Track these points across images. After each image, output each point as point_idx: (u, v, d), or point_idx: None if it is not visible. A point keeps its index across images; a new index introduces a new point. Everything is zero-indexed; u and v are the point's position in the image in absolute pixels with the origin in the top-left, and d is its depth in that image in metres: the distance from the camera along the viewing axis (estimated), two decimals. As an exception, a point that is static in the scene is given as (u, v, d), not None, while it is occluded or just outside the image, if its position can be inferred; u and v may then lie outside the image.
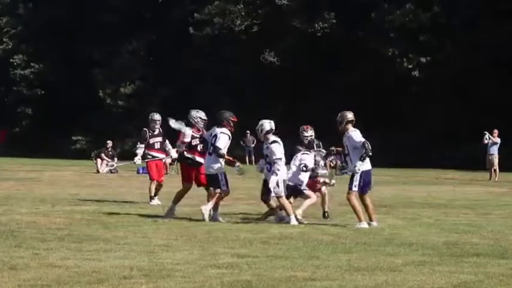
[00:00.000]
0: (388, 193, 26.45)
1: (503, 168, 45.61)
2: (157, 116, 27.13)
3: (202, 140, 21.55)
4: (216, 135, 20.87)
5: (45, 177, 38.60)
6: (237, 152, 45.49)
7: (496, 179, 43.68)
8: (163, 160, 27.87)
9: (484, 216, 22.61)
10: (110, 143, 50.47)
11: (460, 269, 13.04)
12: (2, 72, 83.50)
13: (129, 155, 54.37)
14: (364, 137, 19.71)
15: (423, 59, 60.50)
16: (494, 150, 44.92)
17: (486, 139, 45.47)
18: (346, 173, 20.60)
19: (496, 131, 44.94)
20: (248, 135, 59.57)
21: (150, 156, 26.39)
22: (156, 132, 26.71)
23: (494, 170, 44.70)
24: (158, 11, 73.47)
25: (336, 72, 63.27)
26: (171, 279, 11.94)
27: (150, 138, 26.56)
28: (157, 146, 26.64)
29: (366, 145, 19.66)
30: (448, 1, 60.60)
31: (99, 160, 48.06)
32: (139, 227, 18.80)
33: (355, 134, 20.05)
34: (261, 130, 20.92)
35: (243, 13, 70.28)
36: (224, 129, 20.95)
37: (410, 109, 60.17)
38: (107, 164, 47.81)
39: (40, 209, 22.72)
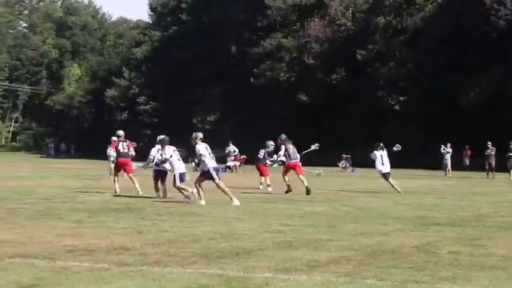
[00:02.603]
0: (385, 185, 26.32)
1: (453, 168, 45.63)
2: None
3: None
4: (175, 150, 21.57)
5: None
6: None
7: (449, 175, 43.50)
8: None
9: (442, 199, 22.44)
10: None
11: (427, 234, 12.97)
12: (131, 107, 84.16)
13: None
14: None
15: (401, 98, 60.63)
16: (448, 156, 45.31)
17: (443, 149, 45.71)
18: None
19: (449, 144, 45.31)
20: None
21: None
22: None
23: (448, 170, 44.75)
24: (231, 67, 73.75)
25: (346, 107, 63.27)
26: (240, 240, 11.94)
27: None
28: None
29: (198, 155, 20.21)
30: (417, 61, 60.51)
31: (193, 164, 48.02)
32: (220, 206, 18.79)
33: (199, 147, 20.15)
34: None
35: (285, 69, 70.46)
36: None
37: (393, 130, 60.11)
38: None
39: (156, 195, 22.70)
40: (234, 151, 48.09)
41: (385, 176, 25.86)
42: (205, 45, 75.77)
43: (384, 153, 26.17)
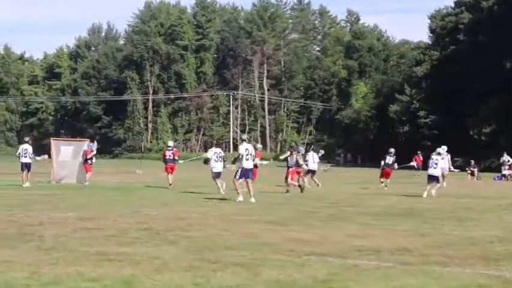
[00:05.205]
0: None
1: None
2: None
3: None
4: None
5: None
6: None
7: None
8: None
9: None
10: (472, 162, 49.14)
11: None
12: (412, 120, 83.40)
13: (490, 170, 52.73)
14: None
15: None
16: None
17: None
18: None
19: None
20: None
21: None
22: None
23: None
24: (506, 82, 70.96)
25: None
26: (517, 244, 11.51)
27: None
28: None
29: (238, 155, 21.64)
30: None
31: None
32: (495, 211, 18.14)
33: (240, 147, 21.69)
34: None
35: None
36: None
37: None
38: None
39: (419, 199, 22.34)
40: (508, 161, 46.41)
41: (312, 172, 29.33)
42: (481, 62, 73.43)
43: (315, 154, 30.17)
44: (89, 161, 32.49)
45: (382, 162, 31.07)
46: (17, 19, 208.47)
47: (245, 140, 22.46)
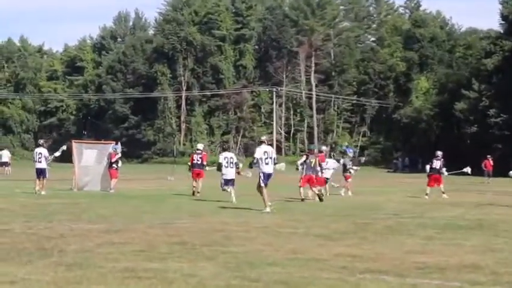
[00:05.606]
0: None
1: None
2: None
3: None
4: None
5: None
6: None
7: None
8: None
9: None
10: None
11: None
12: (481, 120, 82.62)
13: None
14: None
15: None
16: None
17: None
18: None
19: None
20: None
21: None
22: None
23: None
24: None
25: None
26: None
27: None
28: None
29: (254, 159, 21.83)
30: None
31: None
32: None
33: (257, 150, 21.89)
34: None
35: None
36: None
37: None
38: None
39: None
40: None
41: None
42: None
43: (331, 160, 30.96)
44: (114, 166, 32.58)
45: (428, 167, 30.74)
46: (34, 7, 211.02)
47: (264, 142, 22.50)
